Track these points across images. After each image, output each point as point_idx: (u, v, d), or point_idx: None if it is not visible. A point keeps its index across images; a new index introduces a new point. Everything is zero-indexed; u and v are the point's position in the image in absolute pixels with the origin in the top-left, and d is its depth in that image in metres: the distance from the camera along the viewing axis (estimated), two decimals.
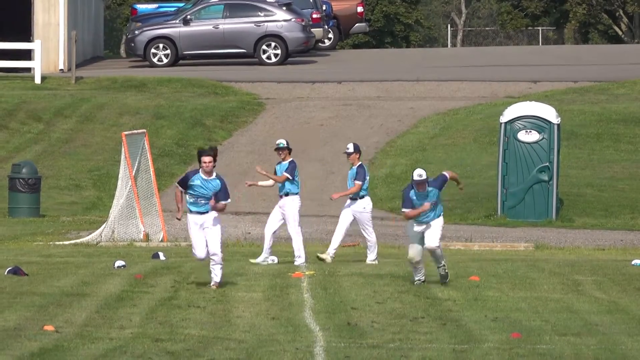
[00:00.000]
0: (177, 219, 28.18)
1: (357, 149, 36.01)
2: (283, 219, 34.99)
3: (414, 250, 27.51)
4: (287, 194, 34.99)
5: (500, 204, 44.97)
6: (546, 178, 44.95)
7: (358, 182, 35.21)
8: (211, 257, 26.87)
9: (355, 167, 35.76)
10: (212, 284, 27.58)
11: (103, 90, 62.11)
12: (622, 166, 50.58)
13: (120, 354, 21.05)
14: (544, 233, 42.07)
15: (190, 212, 26.34)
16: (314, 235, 42.21)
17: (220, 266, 27.39)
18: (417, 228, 27.72)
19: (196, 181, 25.93)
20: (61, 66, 66.42)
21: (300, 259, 35.25)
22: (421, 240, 27.57)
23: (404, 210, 28.22)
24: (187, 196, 26.33)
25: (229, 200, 26.67)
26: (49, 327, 23.97)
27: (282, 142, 35.72)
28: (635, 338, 23.55)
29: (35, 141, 55.15)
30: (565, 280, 31.70)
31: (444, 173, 28.47)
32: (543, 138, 45.41)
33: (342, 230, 35.75)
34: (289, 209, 34.89)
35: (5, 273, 31.87)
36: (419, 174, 27.47)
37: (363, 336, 23.63)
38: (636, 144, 52.58)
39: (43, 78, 64.26)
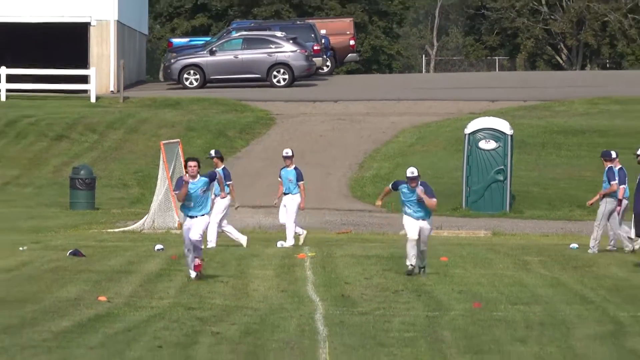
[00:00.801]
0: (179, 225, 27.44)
1: (293, 153, 36.27)
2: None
3: (414, 232, 26.50)
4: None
5: (464, 199, 44.87)
6: (501, 178, 44.90)
7: (302, 182, 35.53)
8: (193, 242, 25.71)
9: (293, 169, 35.79)
10: (192, 275, 26.14)
11: (145, 108, 62.04)
12: (562, 169, 50.54)
13: (159, 320, 21.03)
14: (500, 222, 42.04)
15: (185, 215, 25.70)
16: (315, 224, 42.10)
17: (198, 248, 25.99)
18: (411, 223, 26.62)
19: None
20: (111, 88, 66.28)
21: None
22: (417, 227, 26.51)
23: (388, 186, 27.43)
24: (183, 204, 25.61)
25: (231, 182, 28.16)
26: (102, 298, 23.93)
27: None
28: (572, 306, 23.52)
29: (91, 149, 55.07)
30: (516, 260, 31.66)
31: (434, 199, 26.71)
32: (499, 146, 45.35)
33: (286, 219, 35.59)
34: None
35: (68, 254, 31.85)
36: (412, 171, 26.22)
37: (354, 305, 23.60)
38: (574, 151, 52.50)
39: (97, 98, 64.16)
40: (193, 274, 26.01)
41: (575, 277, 28.32)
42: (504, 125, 46.20)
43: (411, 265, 26.72)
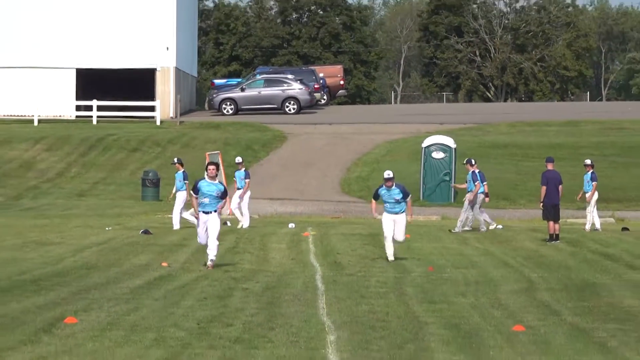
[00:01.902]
0: (195, 217, 24.11)
1: (242, 160, 36.41)
2: None
3: (389, 231, 24.32)
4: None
5: (421, 193, 44.77)
6: (448, 179, 44.87)
7: (248, 180, 35.06)
8: (209, 243, 22.65)
9: (243, 171, 35.56)
10: (208, 263, 22.88)
11: (195, 129, 62.03)
12: (491, 172, 50.24)
13: (204, 279, 21.03)
14: (447, 210, 41.99)
15: (200, 211, 22.70)
16: (316, 211, 42.09)
17: (214, 248, 22.69)
18: (388, 220, 24.40)
19: (202, 183, 22.37)
20: (171, 115, 66.27)
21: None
22: (392, 225, 24.37)
23: (372, 199, 25.47)
24: (199, 199, 22.63)
25: (226, 199, 23.28)
26: (164, 264, 23.91)
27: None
28: (498, 269, 23.53)
29: (156, 157, 55.02)
30: (458, 237, 31.68)
31: (408, 200, 24.57)
32: (446, 156, 45.35)
33: (241, 208, 35.03)
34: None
35: (140, 233, 31.90)
36: (388, 173, 24.14)
37: (343, 269, 23.60)
38: (499, 160, 52.43)
39: (161, 122, 64.19)
40: (212, 254, 22.85)
41: (500, 249, 28.36)
42: (449, 141, 46.24)
43: (390, 259, 24.57)
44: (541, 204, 31.16)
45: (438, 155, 45.70)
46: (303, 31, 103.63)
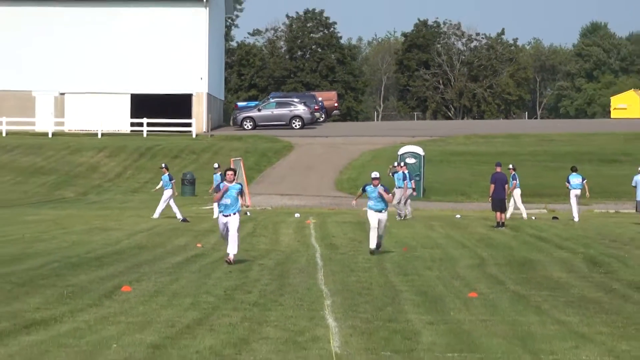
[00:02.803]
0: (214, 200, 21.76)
1: (219, 165, 36.23)
2: None
3: (374, 221, 21.94)
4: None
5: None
6: (418, 179, 44.83)
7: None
8: (229, 239, 19.51)
9: (219, 174, 34.09)
10: (229, 257, 19.61)
11: (222, 140, 62.02)
12: (451, 174, 50.57)
13: (213, 267, 20.98)
14: (418, 204, 42.00)
15: (220, 212, 19.90)
16: (316, 205, 42.07)
17: (235, 242, 19.58)
18: (373, 215, 21.82)
19: (222, 186, 19.58)
20: (204, 129, 66.29)
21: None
22: (377, 218, 21.95)
23: (359, 191, 23.28)
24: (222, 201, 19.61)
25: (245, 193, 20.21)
26: (199, 245, 23.91)
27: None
28: (457, 249, 23.49)
29: (193, 162, 55.08)
30: (426, 224, 31.61)
31: (390, 195, 22.76)
32: (417, 161, 45.34)
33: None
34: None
35: (180, 220, 31.86)
36: (375, 174, 22.08)
37: (337, 249, 23.57)
38: (457, 165, 52.46)
39: (196, 135, 64.22)
40: (233, 250, 19.74)
41: (458, 233, 28.34)
42: (419, 150, 46.27)
43: (373, 248, 21.95)
44: (490, 198, 31.32)
45: (410, 160, 45.66)
46: (306, 65, 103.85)
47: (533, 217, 35.02)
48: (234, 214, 19.68)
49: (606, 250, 23.52)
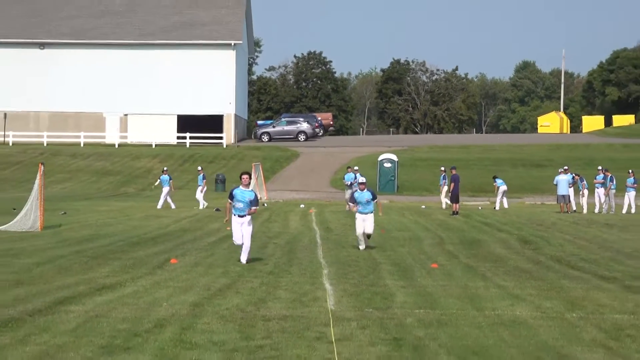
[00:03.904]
0: (225, 221, 17.82)
1: (202, 168, 35.72)
2: None
3: (360, 230, 18.21)
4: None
5: (377, 187, 44.72)
6: (393, 179, 44.85)
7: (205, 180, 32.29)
8: (243, 244, 15.69)
9: (202, 175, 33.93)
10: (243, 260, 15.71)
11: (245, 150, 61.85)
12: (416, 175, 50.49)
13: (252, 239, 20.90)
14: (393, 197, 41.97)
15: (234, 215, 15.66)
16: (317, 198, 41.96)
17: (247, 251, 15.78)
18: (359, 219, 18.17)
19: (236, 191, 15.64)
20: (232, 141, 66.21)
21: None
22: (362, 225, 18.16)
23: (350, 203, 22.29)
24: (233, 205, 15.69)
25: (257, 207, 15.82)
26: (228, 228, 23.78)
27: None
28: (422, 232, 23.46)
29: (224, 166, 54.94)
30: (400, 212, 31.51)
31: (378, 202, 18.88)
32: (392, 166, 45.35)
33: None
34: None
35: (214, 210, 31.75)
36: (361, 178, 19.23)
37: (332, 231, 23.48)
38: (422, 168, 52.38)
39: (226, 146, 64.04)
40: (244, 259, 15.81)
41: (423, 219, 28.28)
42: (394, 157, 46.21)
43: (361, 248, 18.29)
44: (448, 193, 31.21)
45: (387, 165, 45.69)
46: (308, 93, 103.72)
47: (479, 207, 34.93)
48: (246, 215, 15.64)
49: (534, 232, 23.52)
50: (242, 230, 15.66)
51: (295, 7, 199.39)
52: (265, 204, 35.31)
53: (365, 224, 18.22)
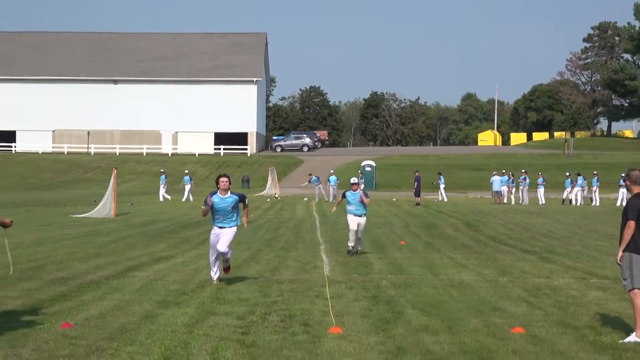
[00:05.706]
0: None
1: (188, 171, 33.93)
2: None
3: (353, 228, 13.16)
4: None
5: (360, 187, 44.32)
6: (372, 179, 44.71)
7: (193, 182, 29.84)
8: (220, 253, 9.57)
9: (188, 177, 32.11)
10: (224, 267, 9.84)
11: (264, 158, 61.87)
12: (393, 177, 50.33)
13: (264, 225, 20.77)
14: (373, 193, 41.76)
15: (214, 226, 9.54)
16: (315, 194, 41.87)
17: (227, 259, 9.72)
18: (353, 219, 13.30)
19: (215, 199, 9.40)
20: (254, 151, 66.07)
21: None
22: (356, 222, 13.70)
23: (340, 197, 14.78)
24: (213, 214, 9.54)
25: (247, 205, 9.87)
26: (245, 219, 23.75)
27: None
28: (393, 218, 23.33)
29: (248, 170, 54.73)
30: (377, 204, 31.19)
31: (367, 199, 13.57)
32: (372, 169, 45.25)
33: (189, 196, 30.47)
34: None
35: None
36: (353, 179, 13.64)
37: (327, 217, 23.36)
38: (396, 171, 52.28)
39: (250, 155, 63.84)
40: (215, 277, 9.70)
41: (394, 209, 28.18)
42: (373, 163, 46.09)
43: (351, 246, 13.28)
44: (414, 190, 31.19)
45: (368, 169, 45.58)
46: (310, 116, 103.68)
47: (435, 200, 34.85)
48: (230, 227, 9.63)
49: (475, 218, 23.47)
50: (220, 237, 9.50)
51: (301, 53, 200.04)
52: (279, 197, 35.18)
53: (358, 227, 13.06)
